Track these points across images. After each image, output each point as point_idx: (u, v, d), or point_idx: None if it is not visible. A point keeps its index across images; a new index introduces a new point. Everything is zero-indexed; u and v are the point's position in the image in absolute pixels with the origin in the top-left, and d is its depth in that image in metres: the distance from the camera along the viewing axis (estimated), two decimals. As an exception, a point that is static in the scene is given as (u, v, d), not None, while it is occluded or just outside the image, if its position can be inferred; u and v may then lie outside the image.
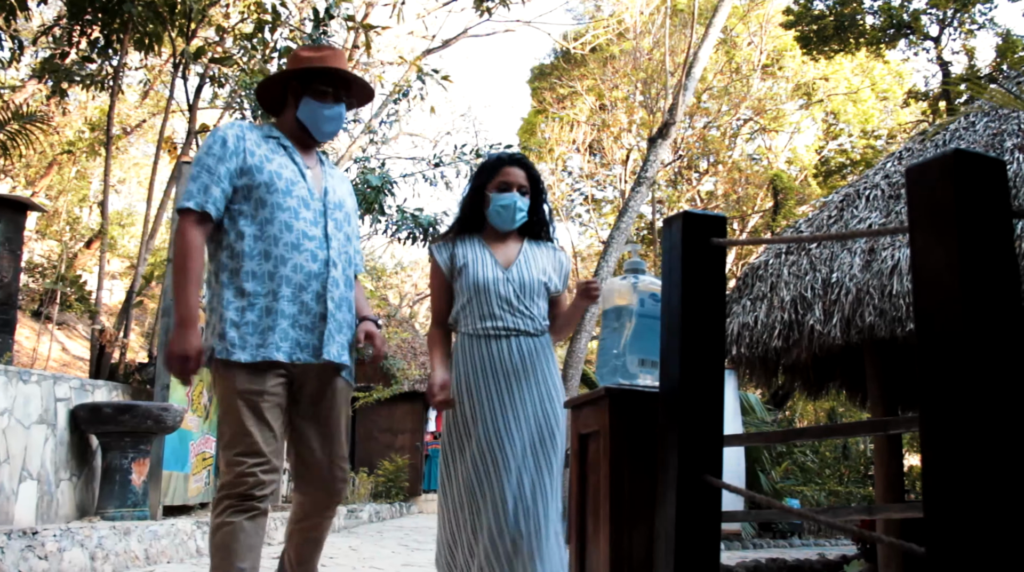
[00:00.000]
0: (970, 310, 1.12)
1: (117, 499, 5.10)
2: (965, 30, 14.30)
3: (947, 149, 1.15)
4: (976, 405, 1.09)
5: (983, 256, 1.12)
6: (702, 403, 1.60)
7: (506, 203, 2.78)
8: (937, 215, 1.14)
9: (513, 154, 2.96)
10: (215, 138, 2.49)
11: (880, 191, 6.35)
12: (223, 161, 2.44)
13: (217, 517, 2.32)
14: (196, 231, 2.39)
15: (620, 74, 19.68)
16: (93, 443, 5.40)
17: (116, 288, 20.70)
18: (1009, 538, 1.06)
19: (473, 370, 2.67)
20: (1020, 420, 1.11)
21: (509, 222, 2.81)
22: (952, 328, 1.13)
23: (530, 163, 2.95)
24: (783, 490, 12.79)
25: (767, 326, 6.03)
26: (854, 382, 7.52)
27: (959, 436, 1.10)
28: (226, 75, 9.25)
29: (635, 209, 12.08)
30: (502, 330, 2.70)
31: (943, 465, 1.11)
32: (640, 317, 1.93)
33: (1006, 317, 1.12)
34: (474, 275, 2.77)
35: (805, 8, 14.19)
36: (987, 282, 1.12)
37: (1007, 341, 1.12)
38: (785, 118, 20.28)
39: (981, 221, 1.12)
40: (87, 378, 7.13)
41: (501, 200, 2.80)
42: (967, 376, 1.09)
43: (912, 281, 1.22)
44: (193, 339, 2.32)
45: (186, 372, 2.34)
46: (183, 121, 11.53)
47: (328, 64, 2.59)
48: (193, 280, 2.35)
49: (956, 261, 1.13)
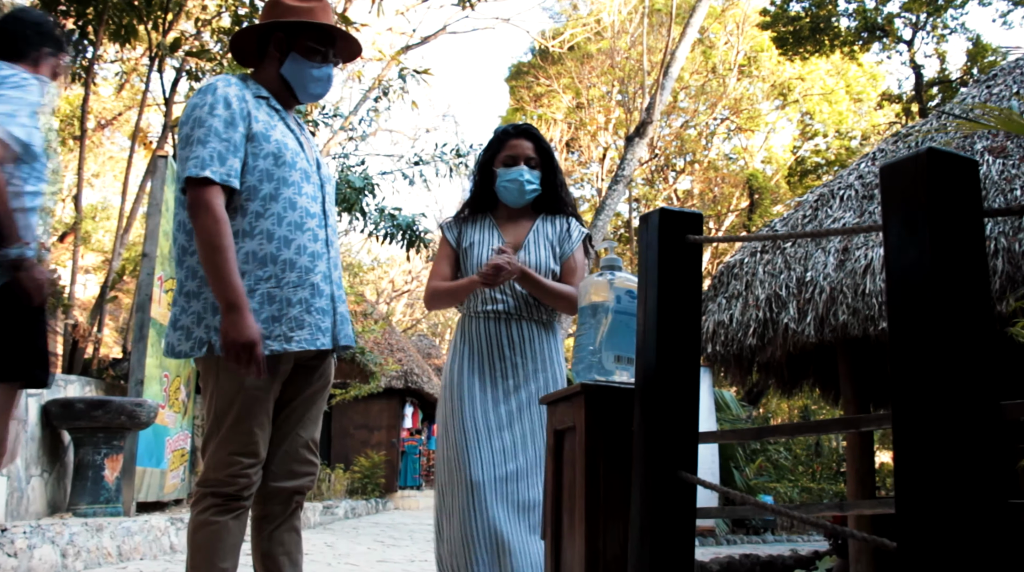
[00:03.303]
0: (942, 307, 1.14)
1: (89, 495, 5.05)
2: (937, 34, 14.49)
3: (920, 148, 1.18)
4: (947, 402, 1.11)
5: (955, 254, 1.14)
6: (677, 400, 1.61)
7: (513, 177, 2.66)
8: (910, 213, 1.16)
9: (519, 125, 2.79)
10: (216, 97, 2.15)
11: (854, 191, 6.43)
12: (232, 126, 2.14)
13: (200, 514, 2.14)
14: (220, 203, 2.08)
15: (597, 72, 19.73)
16: (65, 439, 5.34)
17: (90, 282, 20.45)
18: (979, 533, 1.08)
19: (471, 351, 2.61)
20: (990, 417, 1.13)
21: (518, 198, 2.69)
22: (924, 325, 1.15)
23: (539, 133, 2.77)
24: (757, 487, 12.91)
25: (742, 324, 6.10)
26: (827, 380, 7.61)
27: (931, 432, 1.12)
28: (203, 68, 9.16)
29: (612, 207, 12.13)
30: (503, 314, 2.61)
31: (915, 460, 1.13)
32: (616, 313, 1.93)
33: (977, 315, 1.14)
34: (479, 257, 2.68)
35: (781, 9, 14.31)
36: (959, 280, 1.14)
37: (978, 339, 1.15)
38: (761, 118, 20.43)
39: (953, 220, 1.14)
40: (60, 373, 7.05)
41: (508, 175, 2.67)
42: (939, 373, 1.11)
43: (885, 279, 1.24)
44: (251, 322, 2.04)
45: (255, 361, 2.04)
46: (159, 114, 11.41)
47: (319, 19, 2.28)
48: (231, 258, 2.05)
49: (929, 259, 1.15)
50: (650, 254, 1.64)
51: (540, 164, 2.71)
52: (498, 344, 2.61)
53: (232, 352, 2.03)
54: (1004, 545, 1.13)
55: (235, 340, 2.02)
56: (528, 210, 2.75)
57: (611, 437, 1.81)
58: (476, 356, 2.62)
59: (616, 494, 1.78)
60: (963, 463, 1.08)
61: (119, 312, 18.41)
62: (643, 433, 1.62)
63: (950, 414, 1.08)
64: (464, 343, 2.67)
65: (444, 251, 2.76)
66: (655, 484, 1.54)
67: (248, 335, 2.02)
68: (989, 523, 1.09)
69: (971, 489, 1.08)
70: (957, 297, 1.13)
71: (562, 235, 2.73)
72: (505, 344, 2.61)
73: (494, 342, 2.61)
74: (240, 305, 2.03)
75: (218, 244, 2.05)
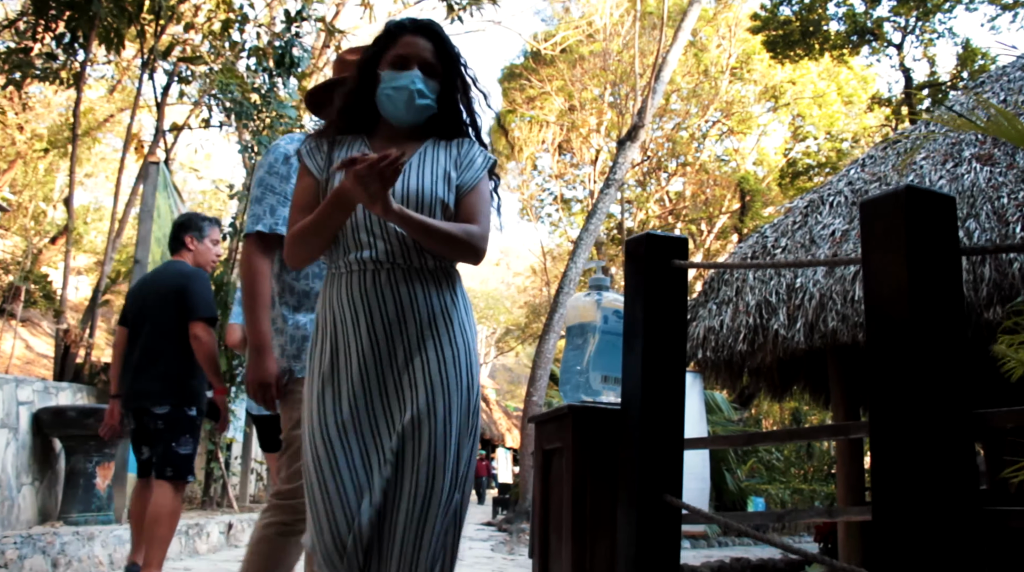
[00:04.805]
0: (918, 335, 1.17)
1: (81, 503, 5.05)
2: (926, 38, 14.57)
3: (900, 185, 1.21)
4: (923, 430, 1.14)
5: (931, 287, 1.17)
6: (663, 425, 1.63)
7: (401, 84, 1.99)
8: (889, 248, 1.18)
9: (419, 20, 2.11)
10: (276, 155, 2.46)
11: (844, 198, 6.47)
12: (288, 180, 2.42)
13: (265, 528, 2.33)
14: (260, 255, 2.35)
15: (589, 75, 19.77)
16: (56, 446, 5.34)
17: (82, 284, 20.39)
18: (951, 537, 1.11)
19: (332, 319, 1.93)
20: (961, 440, 1.16)
21: (404, 112, 2.00)
22: (902, 352, 1.18)
23: (444, 34, 2.10)
24: (748, 489, 12.95)
25: (732, 330, 6.12)
26: (818, 384, 7.66)
27: (907, 450, 1.15)
28: (193, 72, 9.16)
29: (604, 211, 12.17)
30: (371, 263, 1.91)
31: (891, 473, 1.16)
32: (603, 334, 1.96)
33: (950, 343, 1.16)
34: None
35: (772, 13, 14.36)
36: (934, 311, 1.16)
37: (950, 366, 1.17)
38: (753, 119, 20.50)
39: (929, 254, 1.16)
40: (51, 380, 7.04)
41: (395, 80, 1.99)
42: (913, 400, 1.14)
43: (865, 308, 1.27)
44: (270, 364, 2.30)
45: (269, 399, 2.32)
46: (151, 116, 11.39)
47: None
48: (262, 305, 2.32)
49: (906, 292, 1.17)
50: (637, 278, 1.67)
51: (441, 74, 2.05)
52: (368, 310, 1.90)
53: (251, 389, 2.31)
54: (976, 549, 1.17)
55: (251, 379, 2.30)
56: (417, 133, 2.08)
57: (598, 457, 1.83)
58: (341, 331, 1.92)
59: (603, 513, 1.80)
60: (936, 475, 1.11)
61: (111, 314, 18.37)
62: (629, 457, 1.64)
63: (924, 437, 1.11)
64: (327, 309, 1.97)
65: (305, 184, 2.04)
66: (640, 507, 1.57)
67: (262, 376, 2.29)
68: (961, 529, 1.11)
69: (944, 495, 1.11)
70: (932, 326, 1.15)
71: (460, 159, 2.06)
72: (379, 309, 1.89)
73: (362, 307, 1.90)
74: (263, 347, 2.30)
75: (251, 291, 2.31)
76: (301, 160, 2.09)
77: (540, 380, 11.07)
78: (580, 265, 11.52)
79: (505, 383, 43.78)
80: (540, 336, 11.72)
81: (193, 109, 10.08)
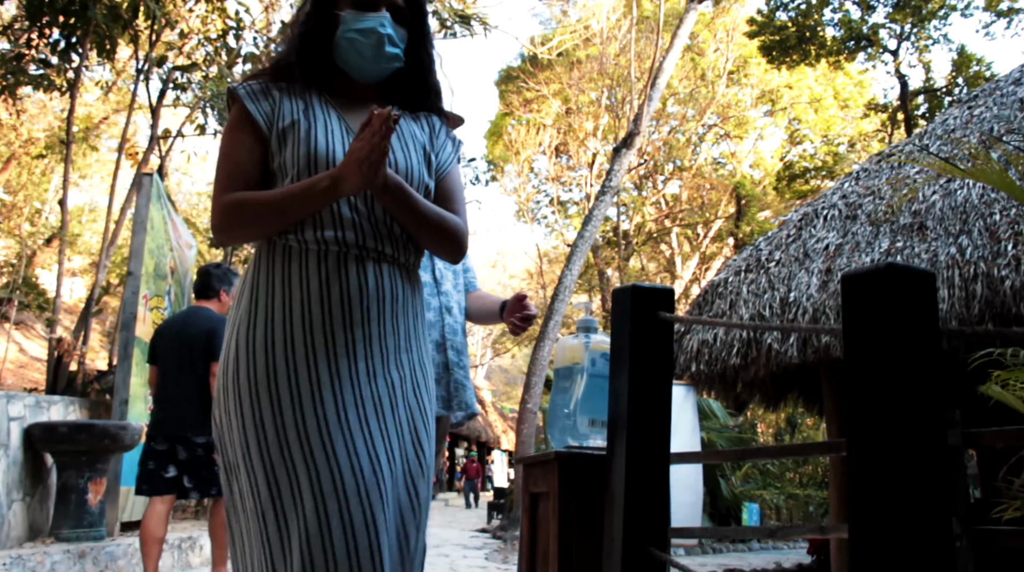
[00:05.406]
0: (897, 410, 1.17)
1: (72, 519, 5.03)
2: (921, 45, 14.60)
3: (881, 263, 1.22)
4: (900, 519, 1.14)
5: (910, 362, 1.17)
6: (648, 479, 1.63)
7: (367, 26, 1.63)
8: (870, 323, 1.19)
9: None
10: None
11: (837, 211, 6.48)
12: None
13: None
14: None
15: (586, 78, 19.78)
16: (48, 461, 5.33)
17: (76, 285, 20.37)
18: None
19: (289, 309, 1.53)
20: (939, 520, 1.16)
21: (372, 60, 1.66)
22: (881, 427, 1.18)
23: None
24: (742, 495, 12.98)
25: (726, 344, 6.13)
26: (811, 395, 7.67)
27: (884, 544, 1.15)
28: (189, 79, 9.15)
29: (599, 217, 12.18)
30: (352, 246, 1.56)
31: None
32: (591, 377, 1.96)
33: (930, 415, 1.17)
34: (315, 142, 1.59)
35: (768, 19, 14.38)
36: (913, 385, 1.17)
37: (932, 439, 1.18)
38: (750, 123, 20.52)
39: (909, 330, 1.17)
40: (44, 385, 7.03)
41: (360, 22, 1.64)
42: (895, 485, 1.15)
43: (846, 381, 1.27)
44: None
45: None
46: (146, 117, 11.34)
47: None
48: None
49: (886, 367, 1.18)
50: (622, 331, 1.67)
51: (409, 23, 1.71)
52: (342, 299, 1.54)
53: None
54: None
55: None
56: (375, 94, 1.73)
57: (584, 505, 1.83)
58: (301, 319, 1.53)
59: (589, 561, 1.80)
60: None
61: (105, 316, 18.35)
62: (613, 509, 1.64)
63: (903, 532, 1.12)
64: (276, 296, 1.56)
65: (246, 142, 1.62)
66: (625, 562, 1.57)
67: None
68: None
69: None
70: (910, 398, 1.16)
71: (435, 139, 1.77)
72: (357, 299, 1.54)
73: (335, 295, 1.54)
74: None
75: None
76: (239, 103, 1.62)
77: (535, 386, 11.07)
78: (575, 271, 11.54)
79: (501, 384, 43.83)
80: (535, 342, 11.72)
81: (188, 115, 10.07)
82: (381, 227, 1.59)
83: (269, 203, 1.54)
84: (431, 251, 1.69)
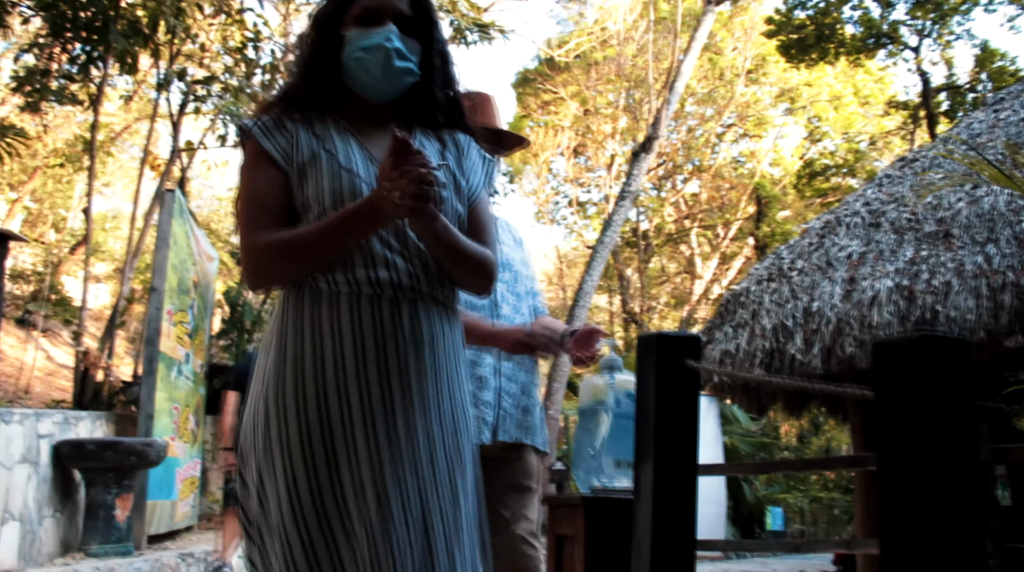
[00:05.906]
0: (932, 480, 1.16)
1: (101, 535, 5.09)
2: (943, 41, 14.45)
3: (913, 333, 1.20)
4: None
5: (944, 432, 1.16)
6: (674, 523, 1.63)
7: (373, 43, 1.53)
8: (902, 393, 1.18)
9: None
10: None
11: (860, 219, 6.42)
12: None
13: None
14: None
15: (604, 80, 19.73)
16: (76, 477, 5.40)
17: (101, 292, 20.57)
18: None
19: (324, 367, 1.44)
20: None
21: (381, 78, 1.55)
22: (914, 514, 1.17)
23: None
24: (766, 499, 12.91)
25: (748, 354, 6.09)
26: (835, 403, 7.61)
27: None
28: (208, 90, 9.22)
29: (619, 222, 12.15)
30: (393, 287, 1.47)
31: None
32: (616, 417, 1.95)
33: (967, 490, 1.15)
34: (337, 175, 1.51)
35: (786, 17, 14.27)
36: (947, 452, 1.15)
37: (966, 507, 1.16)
38: (769, 122, 20.39)
39: (943, 400, 1.15)
40: (70, 405, 7.12)
41: (365, 39, 1.54)
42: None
43: (876, 452, 1.26)
44: None
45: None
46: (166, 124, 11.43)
47: None
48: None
49: (919, 437, 1.17)
50: (648, 380, 1.66)
51: (420, 34, 1.61)
52: (377, 349, 1.45)
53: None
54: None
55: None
56: (391, 114, 1.61)
57: (610, 548, 1.83)
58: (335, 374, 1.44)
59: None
60: None
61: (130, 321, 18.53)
62: (640, 556, 1.64)
63: None
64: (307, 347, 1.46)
65: (269, 176, 1.53)
66: (654, 614, 1.56)
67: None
68: None
69: None
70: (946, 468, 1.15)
71: (463, 159, 1.65)
72: (391, 349, 1.45)
73: (369, 346, 1.45)
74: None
75: None
76: (253, 141, 1.55)
77: (556, 393, 11.07)
78: (596, 277, 11.52)
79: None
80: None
81: (209, 126, 10.15)
82: (415, 262, 1.50)
83: (311, 235, 1.46)
84: (456, 285, 1.59)
